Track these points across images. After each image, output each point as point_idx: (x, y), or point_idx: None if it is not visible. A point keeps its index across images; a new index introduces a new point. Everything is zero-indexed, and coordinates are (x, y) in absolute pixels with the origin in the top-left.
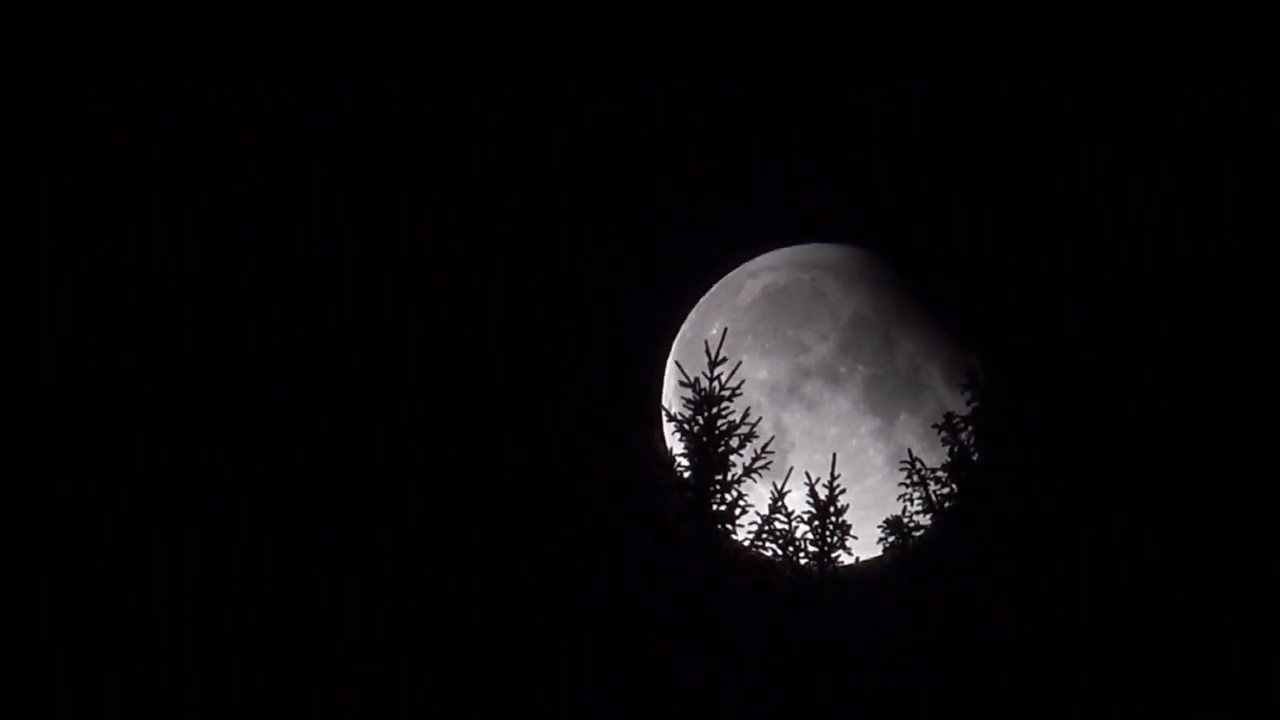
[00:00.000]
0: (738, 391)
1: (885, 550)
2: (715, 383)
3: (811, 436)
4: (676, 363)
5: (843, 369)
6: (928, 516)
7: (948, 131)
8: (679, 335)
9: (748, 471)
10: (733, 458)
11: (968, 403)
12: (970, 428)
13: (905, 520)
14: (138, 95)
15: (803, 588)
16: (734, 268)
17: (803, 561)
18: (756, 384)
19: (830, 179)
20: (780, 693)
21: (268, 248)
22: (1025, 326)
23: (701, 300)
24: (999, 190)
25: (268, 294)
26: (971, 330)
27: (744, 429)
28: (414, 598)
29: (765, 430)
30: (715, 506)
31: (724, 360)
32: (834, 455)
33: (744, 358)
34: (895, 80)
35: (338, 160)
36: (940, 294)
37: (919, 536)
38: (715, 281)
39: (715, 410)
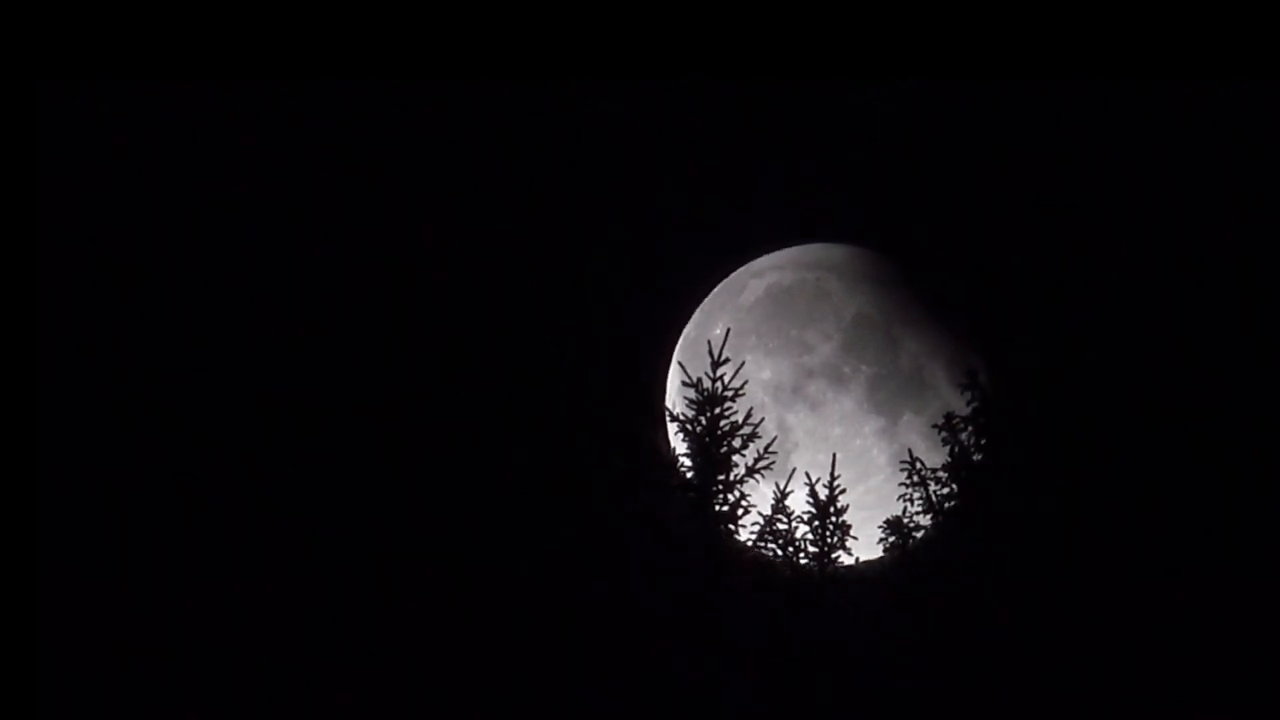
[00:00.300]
0: (740, 392)
1: (885, 550)
2: (718, 383)
3: (815, 436)
4: (680, 363)
5: (846, 369)
6: (928, 517)
7: (951, 132)
8: (683, 335)
9: (750, 472)
10: (735, 458)
11: (968, 403)
12: (970, 428)
13: (905, 520)
14: (138, 95)
15: (803, 588)
16: (737, 268)
17: (803, 561)
18: (760, 384)
19: (833, 179)
20: (780, 693)
21: (267, 248)
22: (1029, 326)
23: (705, 300)
24: (1003, 190)
25: (268, 294)
26: (975, 330)
27: (746, 429)
28: (414, 598)
29: (769, 430)
30: (718, 507)
31: (726, 361)
32: (834, 456)
33: (748, 357)
34: (898, 81)
35: (338, 160)
36: (944, 294)
37: (919, 537)
38: (719, 281)
39: (718, 411)
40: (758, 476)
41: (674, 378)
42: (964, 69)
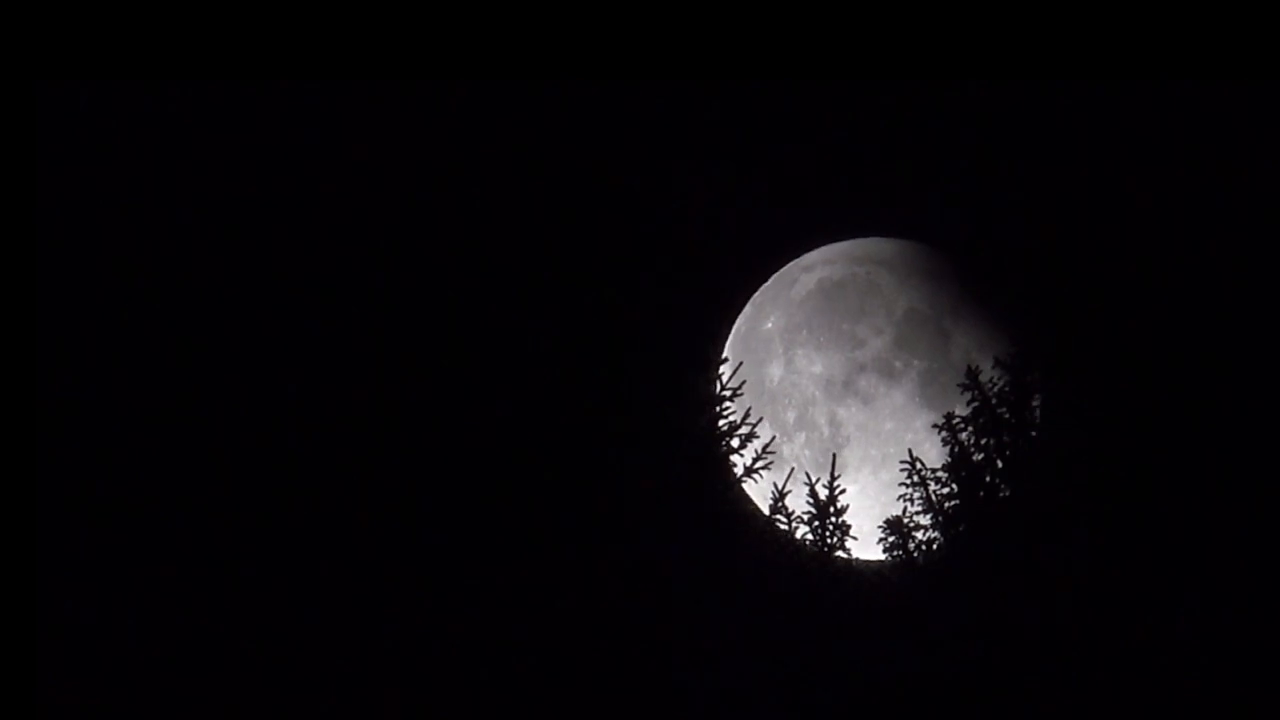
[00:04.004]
0: (739, 392)
1: (885, 551)
2: (715, 383)
3: (867, 431)
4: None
5: (898, 363)
6: (927, 516)
7: (1004, 126)
8: (734, 329)
9: (748, 472)
10: (733, 458)
11: (968, 403)
12: (970, 428)
13: (905, 521)
14: (138, 95)
15: (803, 587)
16: (788, 262)
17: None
18: (811, 378)
19: (885, 173)
20: (780, 692)
21: (271, 247)
22: (1082, 322)
23: (756, 294)
24: (1056, 185)
25: (275, 294)
26: (1027, 325)
27: (745, 429)
28: (417, 598)
29: (821, 425)
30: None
31: (725, 360)
32: (834, 456)
33: (799, 352)
34: (951, 76)
35: (358, 159)
36: (995, 288)
37: (919, 537)
38: (770, 275)
39: (715, 411)
40: (755, 477)
41: (726, 369)
42: (1019, 65)
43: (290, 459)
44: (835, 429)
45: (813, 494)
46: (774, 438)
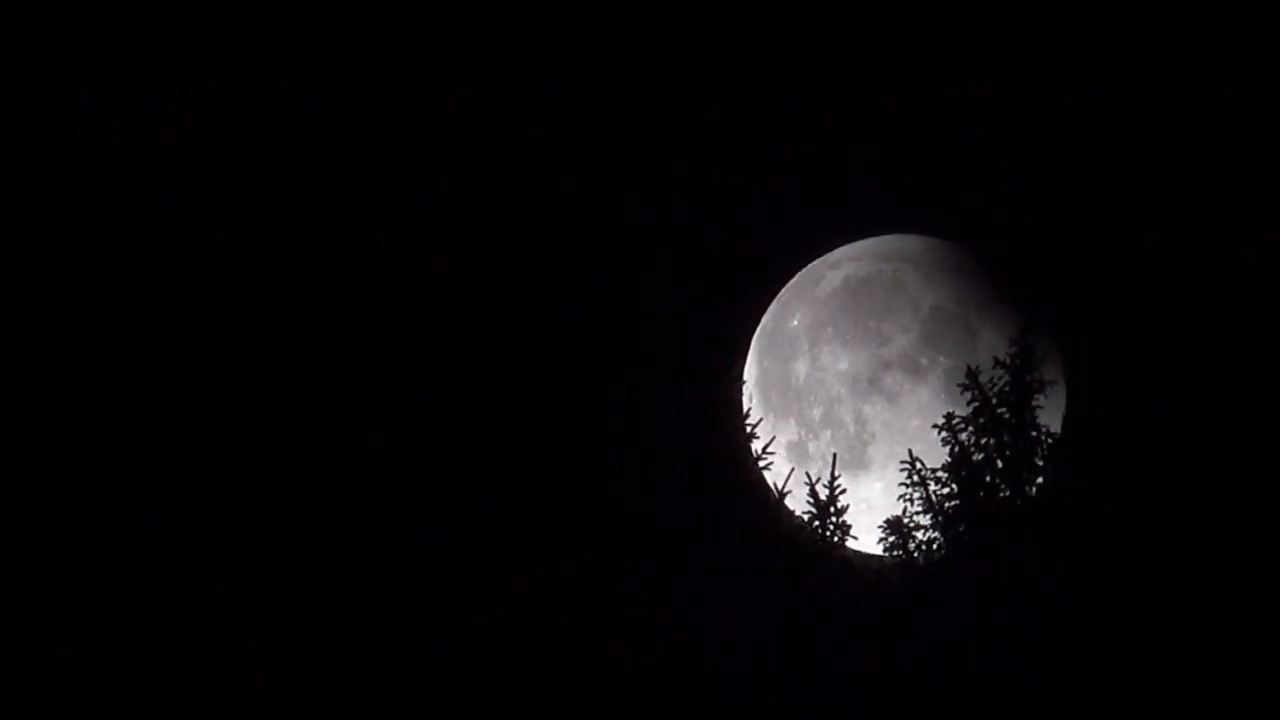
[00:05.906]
0: (737, 392)
1: (885, 550)
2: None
3: (893, 429)
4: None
5: (923, 360)
6: (927, 516)
7: (1028, 123)
8: (760, 326)
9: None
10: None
11: (968, 403)
12: (970, 428)
13: (905, 521)
14: (138, 95)
15: (803, 586)
16: (814, 259)
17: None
18: (837, 375)
19: (911, 170)
20: (780, 690)
21: (271, 247)
22: (1108, 318)
23: (782, 291)
24: (1081, 181)
25: (278, 294)
26: (1052, 322)
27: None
28: (423, 596)
29: (846, 422)
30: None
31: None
32: (834, 455)
33: (825, 349)
34: (973, 74)
35: (382, 159)
36: (1021, 285)
37: (922, 538)
38: (796, 273)
39: (721, 411)
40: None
41: (752, 368)
42: (1041, 64)
43: (316, 459)
44: (861, 426)
45: (813, 494)
46: (773, 438)
